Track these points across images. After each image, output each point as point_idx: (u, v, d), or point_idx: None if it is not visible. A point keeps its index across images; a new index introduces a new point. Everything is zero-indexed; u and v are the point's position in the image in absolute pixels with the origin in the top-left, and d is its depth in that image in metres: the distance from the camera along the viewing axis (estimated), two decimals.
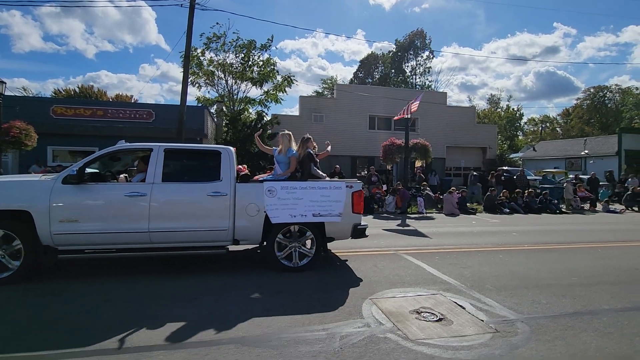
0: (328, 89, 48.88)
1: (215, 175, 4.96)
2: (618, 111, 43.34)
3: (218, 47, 23.33)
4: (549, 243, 7.84)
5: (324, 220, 5.14)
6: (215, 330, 3.28)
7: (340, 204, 5.17)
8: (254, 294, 4.27)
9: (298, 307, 3.87)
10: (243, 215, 4.93)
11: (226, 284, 4.62)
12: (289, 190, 5.06)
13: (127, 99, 42.68)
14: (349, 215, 5.27)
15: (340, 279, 4.93)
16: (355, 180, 5.62)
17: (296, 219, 5.03)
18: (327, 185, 5.28)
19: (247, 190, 5.02)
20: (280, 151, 5.67)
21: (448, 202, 13.56)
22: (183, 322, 3.45)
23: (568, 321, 3.64)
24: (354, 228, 5.33)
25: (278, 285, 4.60)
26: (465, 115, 27.01)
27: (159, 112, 17.50)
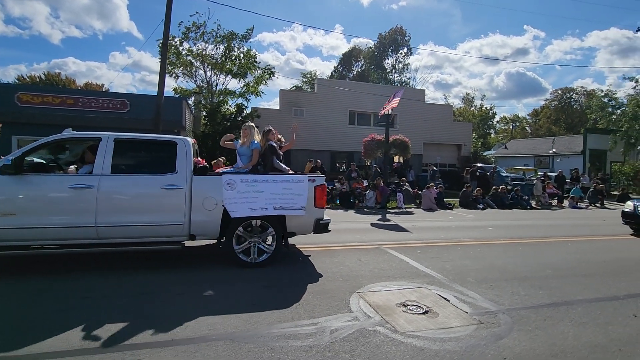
0: (308, 83, 48.62)
1: (170, 168, 4.76)
2: (583, 112, 45.63)
3: (197, 37, 22.67)
4: (523, 237, 8.18)
5: (285, 214, 5.02)
6: (204, 326, 3.21)
7: (302, 197, 5.05)
8: (240, 289, 4.19)
9: (287, 302, 3.84)
10: (200, 209, 4.75)
11: (211, 278, 4.52)
12: (249, 184, 4.91)
13: (97, 87, 40.80)
14: (311, 209, 5.17)
15: (316, 274, 4.94)
16: (318, 174, 5.55)
17: (256, 212, 4.87)
18: (289, 178, 5.17)
19: (204, 183, 4.84)
20: (243, 143, 5.54)
21: (426, 197, 13.87)
22: (169, 318, 3.34)
23: (546, 312, 3.81)
24: (317, 223, 5.23)
25: (263, 279, 4.55)
26: (443, 112, 27.60)
27: (134, 102, 16.79)
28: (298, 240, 6.74)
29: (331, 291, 4.21)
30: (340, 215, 11.26)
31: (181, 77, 24.07)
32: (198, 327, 3.19)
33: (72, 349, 2.80)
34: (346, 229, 8.70)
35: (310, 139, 23.42)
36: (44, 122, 14.15)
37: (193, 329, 3.16)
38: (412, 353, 2.88)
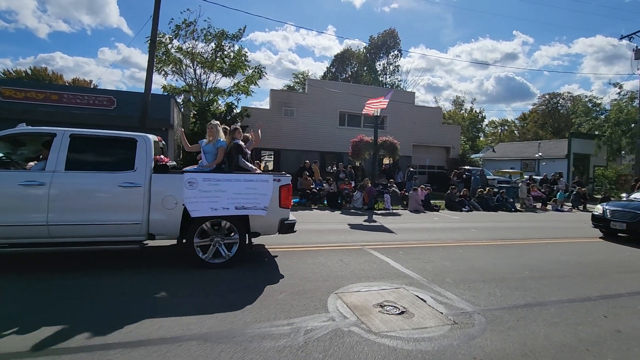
0: (299, 83, 48.60)
1: (129, 165, 4.67)
2: (569, 117, 46.62)
3: (187, 35, 22.45)
4: (505, 239, 8.31)
5: (248, 214, 4.94)
6: (178, 327, 3.18)
7: (266, 197, 4.97)
8: (217, 289, 4.17)
9: (264, 302, 3.83)
10: (159, 208, 4.66)
11: (189, 279, 4.49)
12: (211, 182, 4.82)
13: (85, 83, 40.12)
14: (276, 209, 5.10)
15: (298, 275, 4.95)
16: (283, 174, 5.46)
17: (217, 212, 4.80)
18: (254, 177, 5.07)
19: (164, 182, 4.74)
20: (209, 142, 5.48)
21: (413, 199, 13.97)
22: (143, 318, 3.31)
23: (520, 312, 3.88)
24: (281, 223, 5.17)
25: (241, 279, 4.53)
26: (432, 115, 27.86)
27: (121, 99, 16.56)
28: (283, 240, 6.75)
29: (310, 291, 4.22)
30: (326, 216, 11.28)
31: (171, 75, 23.83)
32: (172, 328, 3.17)
33: (41, 349, 2.75)
34: (331, 229, 8.72)
35: (300, 139, 23.43)
36: (27, 118, 13.78)
37: (167, 329, 3.13)
38: (385, 353, 2.91)
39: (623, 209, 8.76)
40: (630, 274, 5.62)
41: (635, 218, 8.32)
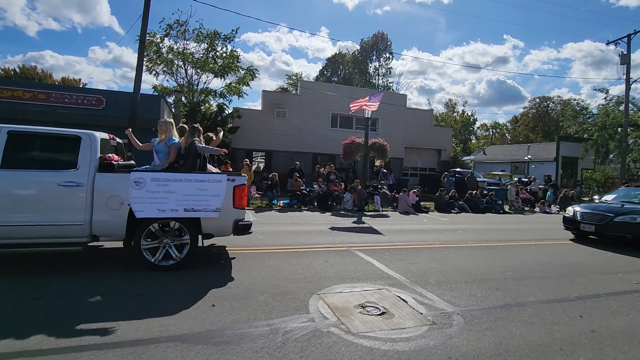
0: (293, 85, 48.63)
1: (71, 163, 4.50)
2: (558, 121, 47.36)
3: (178, 35, 22.33)
4: (490, 240, 8.40)
5: (197, 216, 4.80)
6: (155, 328, 3.17)
7: (218, 198, 4.83)
8: (198, 290, 4.15)
9: (245, 303, 3.83)
10: (103, 208, 4.51)
11: (169, 281, 4.46)
12: (160, 183, 4.65)
13: (74, 83, 39.67)
14: (230, 210, 4.97)
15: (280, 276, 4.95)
16: (238, 174, 5.35)
17: (165, 213, 4.64)
18: (206, 178, 4.91)
19: (109, 181, 4.59)
20: (161, 140, 5.30)
21: (403, 200, 14.06)
22: (121, 319, 3.29)
23: (498, 313, 3.93)
24: (235, 224, 5.04)
25: (223, 280, 4.53)
26: (424, 117, 28.07)
27: (110, 98, 16.43)
28: (270, 242, 6.75)
29: (292, 292, 4.23)
30: (316, 218, 11.29)
31: (162, 75, 23.66)
32: (149, 329, 3.15)
33: (13, 350, 2.72)
34: (319, 230, 8.74)
35: (292, 140, 23.44)
36: (13, 117, 13.67)
37: (144, 331, 3.12)
38: (362, 353, 2.93)
39: (592, 211, 8.70)
40: (608, 275, 5.73)
41: (603, 220, 8.26)
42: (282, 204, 13.75)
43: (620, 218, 8.07)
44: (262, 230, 8.42)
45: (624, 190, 10.75)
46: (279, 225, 9.34)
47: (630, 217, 8.01)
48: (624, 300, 4.53)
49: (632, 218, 7.96)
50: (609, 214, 8.32)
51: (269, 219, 10.53)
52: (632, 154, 23.46)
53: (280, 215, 11.37)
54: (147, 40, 19.09)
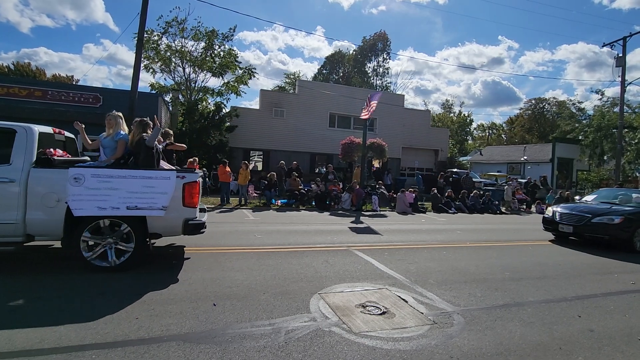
0: (291, 84, 48.58)
1: (4, 158, 4.28)
2: (554, 122, 47.71)
3: (177, 33, 22.22)
4: (488, 241, 8.45)
5: (141, 214, 4.56)
6: (157, 327, 3.16)
7: (165, 196, 4.59)
8: (200, 290, 4.15)
9: (247, 303, 3.83)
10: (38, 206, 4.27)
11: (172, 280, 4.45)
12: (102, 179, 4.40)
13: (68, 80, 39.36)
14: (179, 209, 4.72)
15: None
16: (190, 170, 5.10)
17: (106, 211, 4.40)
18: (153, 174, 4.65)
19: (45, 177, 4.35)
20: (108, 134, 5.03)
21: (401, 200, 14.11)
22: (123, 319, 3.28)
23: (498, 312, 3.97)
24: (185, 223, 4.78)
25: (223, 280, 4.53)
26: (421, 118, 28.17)
27: (107, 96, 16.35)
28: (270, 242, 6.74)
29: (293, 292, 4.24)
30: (314, 217, 11.30)
31: (159, 73, 23.55)
32: (151, 328, 3.15)
33: (15, 350, 2.70)
34: (318, 230, 8.75)
35: (290, 140, 23.42)
36: (9, 115, 13.53)
37: (147, 330, 3.11)
38: (364, 352, 2.94)
39: (570, 212, 8.59)
40: (604, 275, 5.79)
41: (581, 221, 8.15)
42: (280, 203, 13.75)
43: (598, 219, 7.97)
44: (261, 229, 8.43)
45: (605, 191, 10.69)
46: (278, 225, 9.34)
47: (607, 217, 7.91)
48: (620, 301, 4.58)
49: (609, 219, 7.86)
50: (587, 214, 8.21)
51: (267, 218, 10.52)
52: (627, 155, 23.68)
53: (279, 215, 11.37)
54: (145, 38, 19.02)
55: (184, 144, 8.20)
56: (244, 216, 10.72)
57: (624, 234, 7.69)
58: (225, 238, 7.21)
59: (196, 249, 6.12)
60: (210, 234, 7.61)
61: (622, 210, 8.16)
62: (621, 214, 7.96)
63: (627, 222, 7.75)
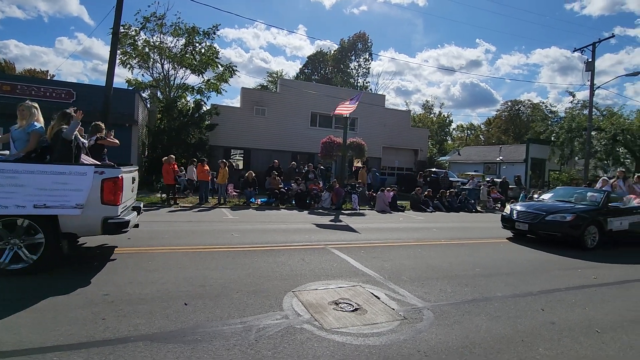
0: (274, 83, 48.31)
1: None
2: (529, 123, 49.40)
3: (155, 28, 21.70)
4: (463, 238, 8.68)
5: (51, 213, 4.22)
6: (125, 327, 3.10)
7: (80, 193, 4.26)
8: (173, 289, 4.09)
9: (219, 301, 3.81)
10: None
11: (137, 279, 4.38)
12: (5, 174, 4.05)
13: (42, 75, 37.84)
14: (97, 206, 4.36)
15: None
16: (110, 165, 4.75)
17: (8, 210, 4.07)
18: (67, 170, 4.29)
19: None
20: (20, 126, 4.60)
21: (380, 199, 14.28)
22: (88, 320, 3.20)
23: (466, 307, 4.09)
24: (104, 222, 4.43)
25: (195, 278, 4.48)
26: (401, 118, 28.55)
27: (81, 92, 15.82)
28: (246, 240, 6.68)
29: (267, 290, 4.24)
30: (294, 216, 11.30)
31: (137, 69, 22.95)
32: (118, 329, 3.08)
33: None
34: (297, 229, 8.76)
35: (271, 138, 23.28)
36: None
37: (113, 331, 3.05)
38: (334, 348, 2.98)
39: (526, 210, 8.67)
40: (569, 270, 6.06)
41: (536, 219, 8.23)
42: (260, 202, 13.67)
43: (552, 217, 8.09)
44: (239, 228, 8.36)
45: (562, 190, 10.86)
46: (256, 224, 9.30)
47: (560, 215, 8.04)
48: (582, 294, 4.81)
49: (562, 217, 8.00)
50: (541, 212, 8.32)
51: (246, 217, 10.45)
52: (596, 156, 24.76)
53: (258, 214, 11.31)
54: (122, 33, 18.49)
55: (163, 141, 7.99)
56: (223, 215, 10.61)
57: (575, 232, 7.84)
58: (202, 237, 7.12)
59: (170, 248, 6.03)
60: (186, 232, 7.53)
61: (575, 209, 8.33)
62: (573, 212, 8.13)
63: (579, 220, 7.90)
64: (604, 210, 8.36)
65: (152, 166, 18.36)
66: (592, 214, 8.17)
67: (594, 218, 8.07)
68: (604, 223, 8.11)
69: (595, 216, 8.13)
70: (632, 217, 8.54)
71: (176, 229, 7.95)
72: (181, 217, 9.70)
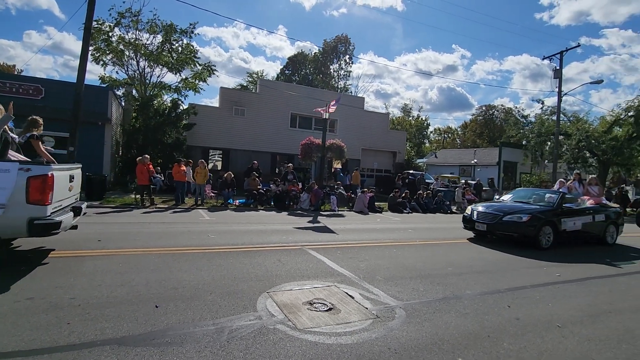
0: (254, 83, 47.95)
1: None
2: (502, 127, 51.21)
3: (130, 24, 21.10)
4: (437, 239, 8.89)
5: None
6: (91, 331, 3.01)
7: (2, 191, 4.04)
8: (143, 292, 4.00)
9: (191, 303, 3.75)
10: None
11: (97, 281, 4.26)
12: None
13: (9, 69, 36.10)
14: (22, 206, 4.12)
15: None
16: (39, 162, 4.50)
17: None
18: None
19: None
20: None
21: (360, 200, 14.42)
22: (47, 324, 3.08)
23: (437, 305, 4.20)
24: (30, 223, 4.15)
25: (169, 280, 4.40)
26: (380, 120, 28.95)
27: (51, 88, 15.16)
28: (223, 242, 6.60)
29: (241, 291, 4.21)
30: (272, 217, 11.25)
31: (111, 66, 22.25)
32: (84, 333, 2.99)
33: None
34: (274, 230, 8.73)
35: (251, 139, 23.09)
36: None
37: (79, 335, 2.95)
38: (306, 348, 3.00)
39: (485, 210, 8.74)
40: (535, 269, 6.33)
41: (494, 219, 8.33)
42: (238, 203, 13.53)
43: (509, 217, 8.20)
44: (216, 229, 8.25)
45: (522, 191, 11.01)
46: (234, 225, 9.20)
47: (517, 216, 8.15)
48: (546, 291, 5.03)
49: (518, 217, 8.11)
50: (499, 213, 8.42)
51: (223, 218, 10.32)
52: (563, 159, 25.92)
53: (236, 215, 11.19)
54: (95, 28, 17.91)
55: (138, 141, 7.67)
56: (199, 216, 10.43)
57: (530, 231, 7.97)
58: (176, 238, 6.98)
59: (143, 249, 5.88)
60: (161, 234, 7.37)
61: (531, 209, 8.48)
62: (529, 212, 8.26)
63: (534, 220, 8.03)
64: (559, 210, 8.51)
65: (126, 166, 17.83)
66: (547, 214, 8.32)
67: (549, 218, 8.22)
68: (558, 223, 8.27)
69: (550, 216, 8.28)
70: (585, 218, 8.77)
71: (150, 230, 7.76)
72: (156, 219, 9.48)
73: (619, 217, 9.74)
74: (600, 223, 9.12)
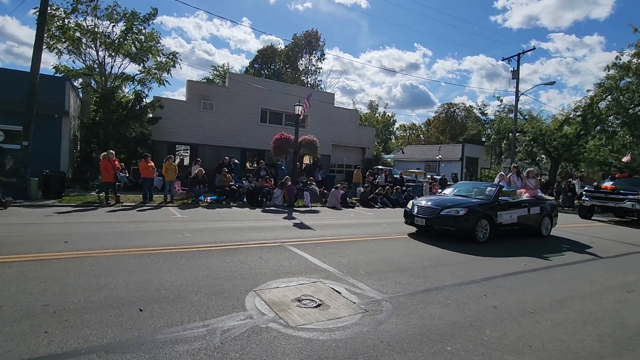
0: (219, 76, 46.61)
1: None
2: (464, 124, 53.61)
3: (88, 11, 19.71)
4: (410, 232, 9.17)
5: None
6: (73, 340, 2.84)
7: None
8: (124, 294, 3.82)
9: (177, 305, 3.64)
10: None
11: (93, 285, 4.02)
12: None
13: None
14: None
15: None
16: None
17: None
18: None
19: None
20: None
21: (333, 196, 14.54)
22: (22, 333, 2.87)
23: (420, 297, 4.36)
24: None
25: (158, 282, 4.23)
26: (349, 117, 29.26)
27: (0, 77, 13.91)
28: (201, 239, 6.42)
29: (228, 291, 4.14)
30: (246, 214, 11.08)
31: (66, 55, 20.69)
32: (65, 341, 2.81)
33: None
34: (251, 227, 8.61)
35: (219, 134, 22.50)
36: None
37: (59, 344, 2.77)
38: (301, 345, 3.02)
39: (425, 205, 8.63)
40: (503, 259, 6.72)
41: (432, 214, 8.22)
42: (210, 200, 13.19)
43: (446, 211, 8.08)
44: (190, 227, 8.01)
45: (464, 184, 11.03)
46: (208, 222, 8.96)
47: (454, 210, 8.04)
48: (516, 280, 5.37)
49: (455, 211, 8.00)
50: (437, 207, 8.31)
51: (196, 216, 10.02)
52: (519, 155, 27.59)
53: (208, 212, 10.90)
54: (49, 14, 16.55)
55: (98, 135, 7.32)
56: (171, 214, 10.06)
57: (467, 225, 7.87)
58: (150, 238, 6.70)
59: (115, 250, 5.59)
60: (132, 233, 7.04)
61: (469, 203, 8.38)
62: (467, 206, 8.15)
63: (471, 214, 7.94)
64: (495, 204, 8.51)
65: (85, 162, 16.78)
66: (484, 207, 8.27)
67: (486, 212, 8.17)
68: (494, 216, 8.25)
69: (487, 210, 8.23)
70: (520, 210, 8.83)
71: (121, 229, 7.38)
72: (124, 217, 9.02)
73: (554, 210, 9.86)
74: (535, 216, 9.17)
